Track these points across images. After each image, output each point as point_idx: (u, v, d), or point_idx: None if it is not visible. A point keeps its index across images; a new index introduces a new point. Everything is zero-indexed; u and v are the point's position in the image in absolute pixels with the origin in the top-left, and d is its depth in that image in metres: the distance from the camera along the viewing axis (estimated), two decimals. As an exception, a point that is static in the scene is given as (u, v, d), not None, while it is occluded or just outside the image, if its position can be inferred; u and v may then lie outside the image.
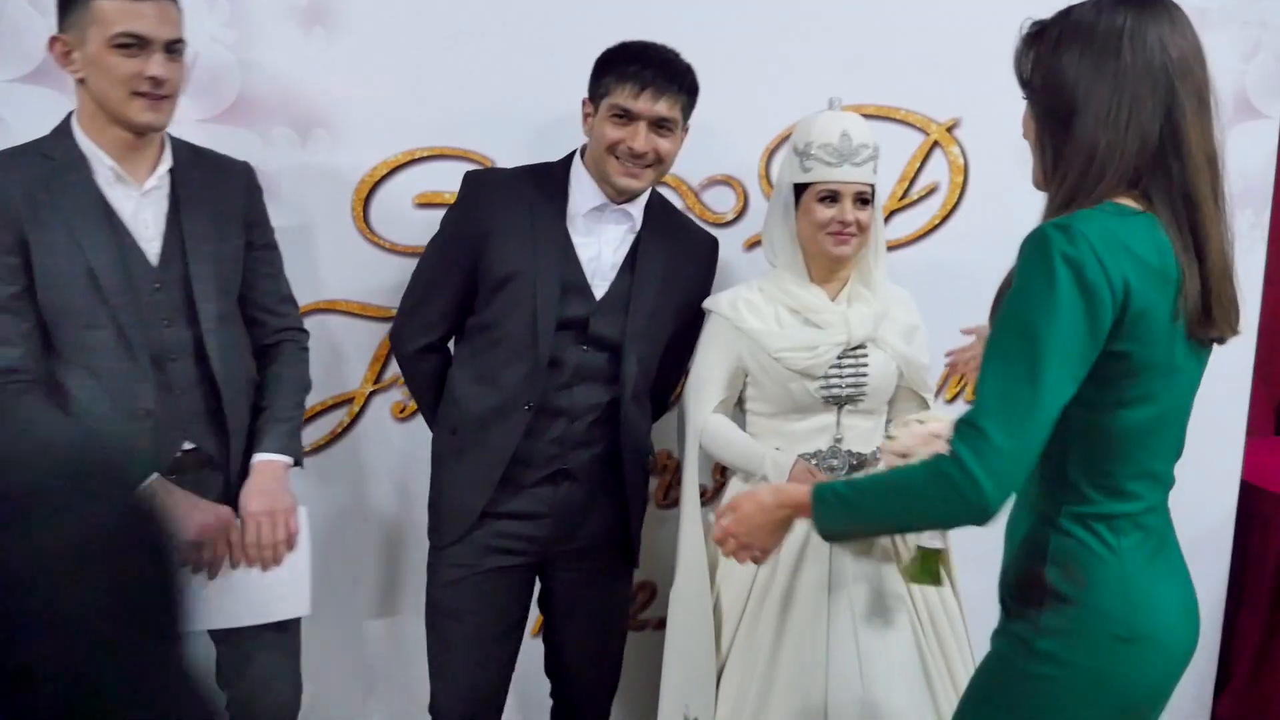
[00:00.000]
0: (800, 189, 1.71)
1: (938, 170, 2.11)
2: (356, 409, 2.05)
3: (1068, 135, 1.18)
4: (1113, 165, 1.16)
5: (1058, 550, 1.25)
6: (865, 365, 1.71)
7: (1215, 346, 1.26)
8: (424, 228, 2.01)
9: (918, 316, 1.83)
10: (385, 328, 2.02)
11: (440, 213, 2.00)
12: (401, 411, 2.07)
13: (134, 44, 1.49)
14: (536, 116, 1.97)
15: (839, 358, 1.70)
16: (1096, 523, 1.23)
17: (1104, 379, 1.16)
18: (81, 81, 1.53)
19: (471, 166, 1.99)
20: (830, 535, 1.32)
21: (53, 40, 1.51)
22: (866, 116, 1.85)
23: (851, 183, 1.65)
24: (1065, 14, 1.21)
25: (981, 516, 1.13)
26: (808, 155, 1.67)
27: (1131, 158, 1.15)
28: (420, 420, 2.07)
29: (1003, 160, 2.01)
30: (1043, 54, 1.21)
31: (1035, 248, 1.13)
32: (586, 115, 1.78)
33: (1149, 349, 1.16)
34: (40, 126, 1.84)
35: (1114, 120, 1.15)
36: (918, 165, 2.10)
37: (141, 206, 1.59)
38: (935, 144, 2.10)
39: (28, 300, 1.51)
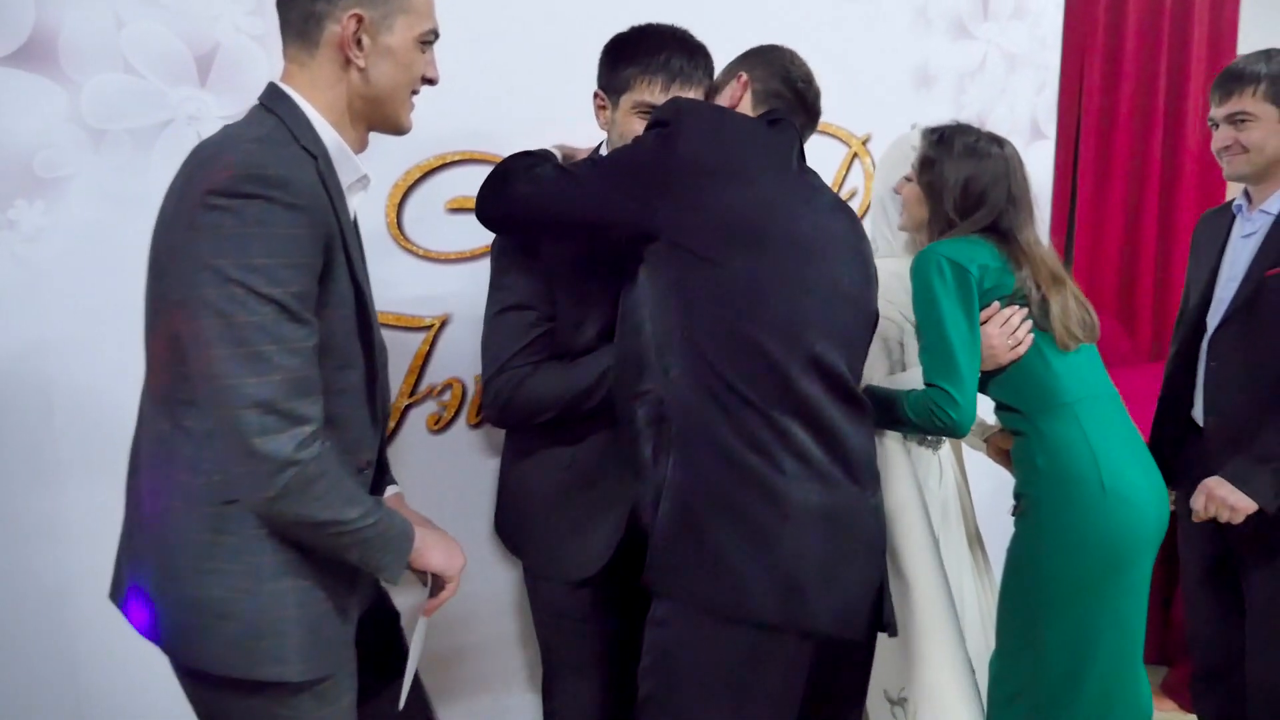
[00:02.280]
0: None
1: (856, 178, 2.50)
2: (392, 424, 1.96)
3: (960, 204, 1.81)
4: (975, 226, 1.80)
5: (1037, 444, 1.78)
6: None
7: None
8: (456, 234, 1.99)
9: None
10: (418, 339, 1.97)
11: (472, 219, 1.98)
12: (437, 423, 2.01)
13: (433, 42, 1.36)
14: (566, 119, 2.01)
15: None
16: (1056, 412, 1.77)
17: None
18: (350, 68, 1.29)
19: (502, 171, 2.00)
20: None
21: (355, 16, 1.26)
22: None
23: None
24: (953, 128, 1.88)
25: (958, 432, 1.72)
26: None
27: (986, 220, 1.81)
28: (456, 433, 2.04)
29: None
30: (938, 154, 1.84)
31: (921, 262, 1.77)
32: (601, 108, 1.74)
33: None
34: (22, 118, 1.58)
35: (979, 199, 1.81)
36: (843, 173, 2.48)
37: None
38: (855, 155, 2.49)
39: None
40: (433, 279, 1.96)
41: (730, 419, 1.43)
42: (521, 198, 1.58)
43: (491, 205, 1.62)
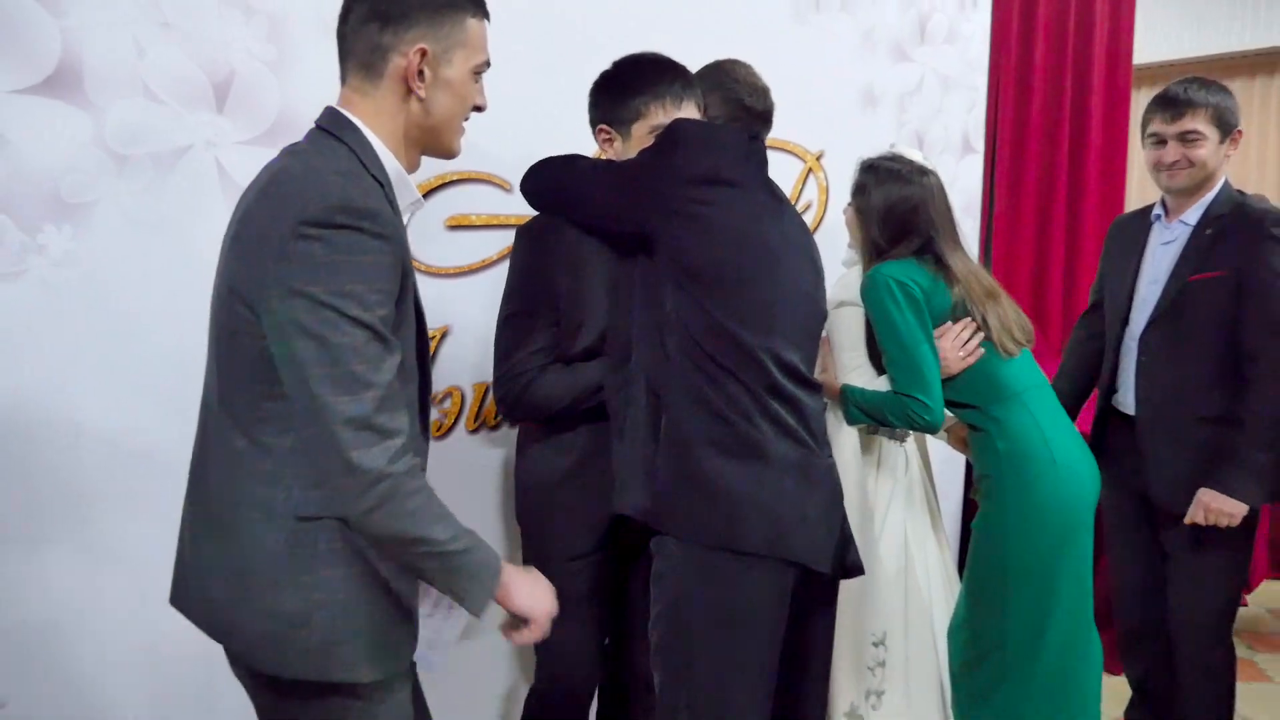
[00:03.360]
0: None
1: (811, 192, 2.68)
2: (398, 432, 2.05)
3: (884, 227, 2.03)
4: (909, 245, 2.02)
5: (996, 431, 2.01)
6: None
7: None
8: (455, 249, 2.08)
9: None
10: (421, 348, 2.05)
11: (470, 235, 2.10)
12: (438, 430, 2.11)
13: (484, 71, 1.41)
14: (560, 140, 2.12)
15: None
16: (1009, 402, 2.00)
17: None
18: (411, 98, 1.33)
19: (496, 191, 2.11)
20: (850, 418, 2.06)
21: (421, 50, 1.30)
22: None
23: None
24: (883, 159, 2.10)
25: (934, 429, 1.99)
26: None
27: (917, 243, 2.02)
28: (456, 438, 2.14)
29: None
30: (866, 181, 2.07)
31: (871, 285, 1.98)
32: (608, 140, 1.84)
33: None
34: (50, 144, 1.63)
35: (901, 223, 2.02)
36: (799, 187, 2.65)
37: None
38: (810, 170, 2.67)
39: None
40: (433, 292, 2.04)
41: (717, 389, 1.65)
42: (554, 178, 1.80)
43: (531, 180, 1.83)
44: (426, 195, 2.03)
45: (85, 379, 1.70)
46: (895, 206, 2.01)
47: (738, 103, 1.88)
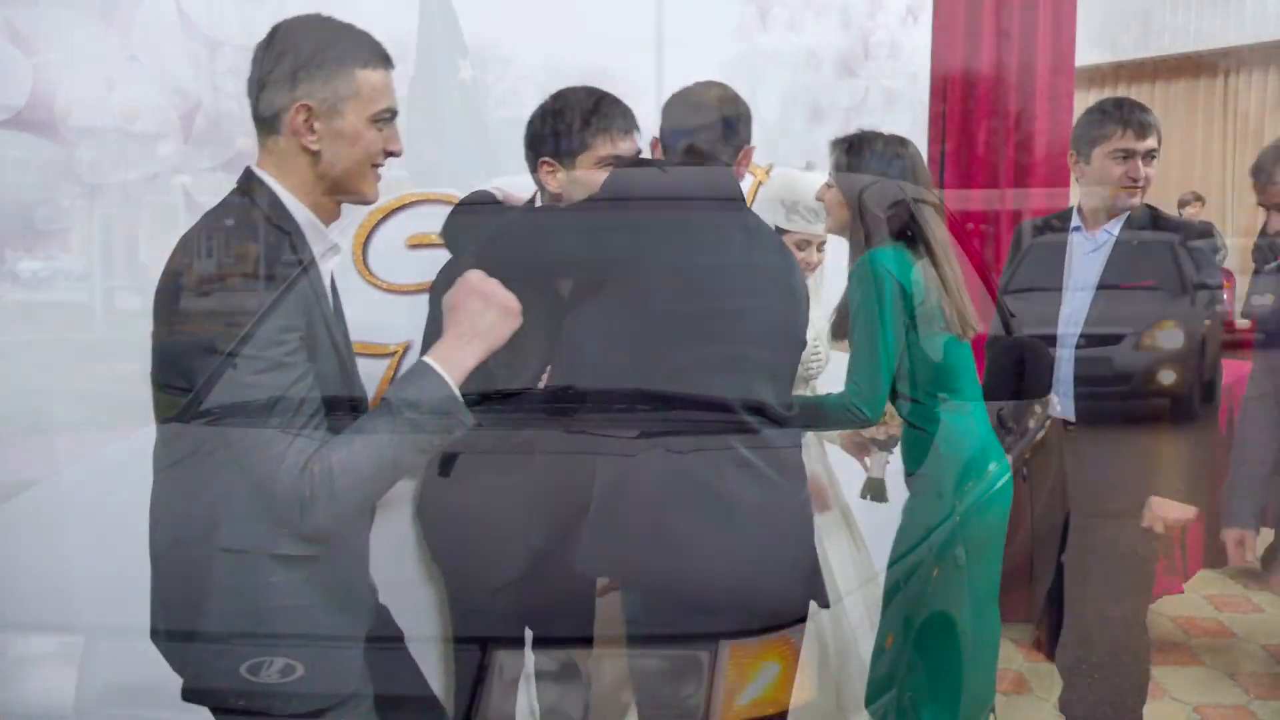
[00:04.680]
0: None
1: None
2: (362, 443, 2.13)
3: (864, 207, 2.06)
4: (892, 228, 2.05)
5: (939, 433, 2.09)
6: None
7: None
8: (417, 268, 2.17)
9: None
10: (383, 365, 2.14)
11: (430, 254, 2.19)
12: (402, 440, 2.19)
13: (390, 119, 1.47)
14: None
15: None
16: (957, 409, 2.10)
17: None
18: (306, 151, 1.41)
19: (456, 210, 2.20)
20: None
21: (303, 106, 1.38)
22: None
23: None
24: (862, 136, 2.13)
25: (870, 424, 2.02)
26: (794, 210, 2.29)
27: (904, 215, 2.05)
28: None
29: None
30: (851, 160, 2.09)
31: (865, 272, 2.01)
32: (551, 173, 1.85)
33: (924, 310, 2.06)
34: (25, 177, 1.70)
35: (888, 200, 2.05)
36: (750, 201, 2.76)
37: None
38: (759, 184, 2.78)
39: None
40: (395, 309, 2.14)
41: (685, 441, 1.66)
42: (497, 224, 1.81)
43: (459, 229, 1.86)
44: (388, 216, 2.13)
45: (59, 400, 1.77)
46: (886, 181, 2.06)
47: (721, 123, 1.81)
